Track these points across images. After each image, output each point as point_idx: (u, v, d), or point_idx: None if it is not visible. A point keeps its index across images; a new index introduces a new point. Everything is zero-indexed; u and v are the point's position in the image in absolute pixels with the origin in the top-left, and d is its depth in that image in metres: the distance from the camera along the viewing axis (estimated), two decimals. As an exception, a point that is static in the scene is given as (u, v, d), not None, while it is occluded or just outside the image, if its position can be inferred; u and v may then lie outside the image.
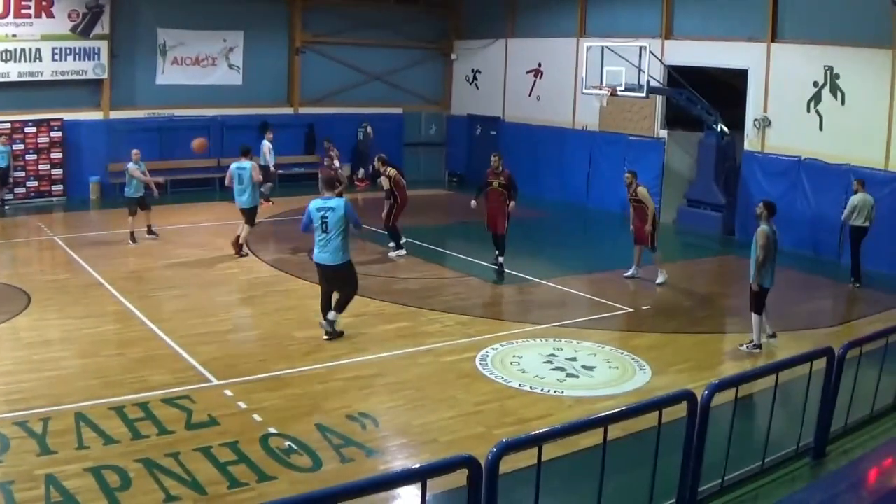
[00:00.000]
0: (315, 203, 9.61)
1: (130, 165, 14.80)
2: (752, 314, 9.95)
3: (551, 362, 9.39)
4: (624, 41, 17.35)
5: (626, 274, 13.12)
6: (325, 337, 9.78)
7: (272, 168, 19.03)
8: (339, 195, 9.97)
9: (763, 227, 9.75)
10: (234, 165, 14.15)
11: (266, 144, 18.89)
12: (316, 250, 9.71)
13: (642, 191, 12.79)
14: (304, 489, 6.04)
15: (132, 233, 14.77)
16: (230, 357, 9.23)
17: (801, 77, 15.74)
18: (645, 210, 12.68)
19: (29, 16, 17.99)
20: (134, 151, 15.08)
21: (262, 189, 18.88)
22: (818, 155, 15.44)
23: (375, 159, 15.00)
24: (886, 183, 14.38)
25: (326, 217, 9.45)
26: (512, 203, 12.91)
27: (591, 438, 5.44)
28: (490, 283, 12.92)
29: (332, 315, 9.81)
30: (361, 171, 21.33)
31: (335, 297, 9.90)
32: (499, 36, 22.89)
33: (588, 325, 10.93)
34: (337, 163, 17.29)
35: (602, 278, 13.54)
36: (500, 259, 12.94)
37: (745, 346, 9.99)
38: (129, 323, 10.41)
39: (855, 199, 13.30)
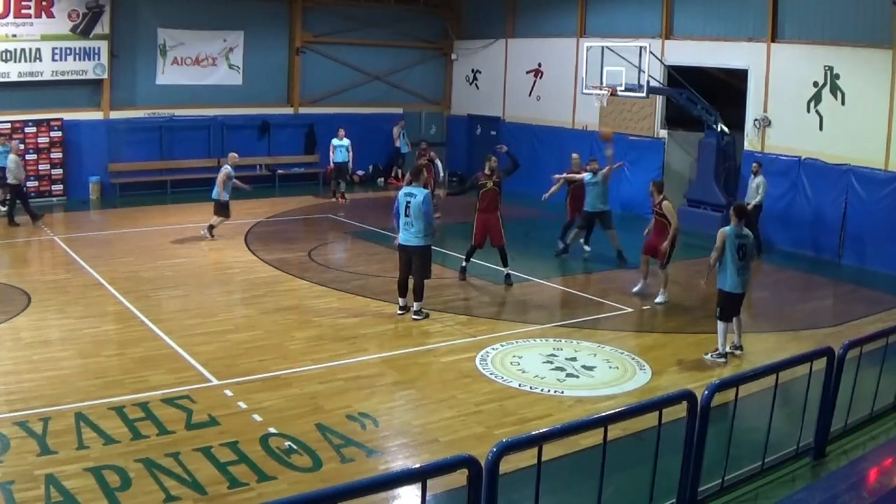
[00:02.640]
0: (403, 189, 10.86)
1: (226, 168, 15.01)
2: (719, 321, 9.48)
3: (551, 362, 9.39)
4: (624, 41, 17.35)
5: (634, 290, 12.21)
6: (415, 317, 10.86)
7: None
8: (425, 187, 10.95)
9: (723, 229, 9.33)
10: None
11: (345, 142, 19.89)
12: (401, 232, 10.82)
13: (668, 205, 11.58)
14: (304, 489, 6.05)
15: (211, 226, 15.19)
16: (230, 357, 9.23)
17: (801, 77, 15.73)
18: (666, 226, 11.56)
19: (29, 16, 17.98)
20: (231, 154, 15.36)
21: (339, 188, 20.09)
22: (818, 155, 15.43)
23: (423, 146, 17.38)
24: (886, 183, 14.38)
25: (409, 202, 10.60)
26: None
27: (591, 438, 5.45)
28: (490, 284, 12.91)
29: (415, 306, 10.86)
30: (399, 171, 22.46)
31: (411, 283, 10.92)
32: (499, 36, 22.88)
33: (588, 325, 10.93)
34: (439, 163, 17.95)
35: (602, 278, 13.54)
36: (507, 271, 12.83)
37: (709, 355, 9.57)
38: (129, 323, 10.41)
39: (763, 181, 14.81)
